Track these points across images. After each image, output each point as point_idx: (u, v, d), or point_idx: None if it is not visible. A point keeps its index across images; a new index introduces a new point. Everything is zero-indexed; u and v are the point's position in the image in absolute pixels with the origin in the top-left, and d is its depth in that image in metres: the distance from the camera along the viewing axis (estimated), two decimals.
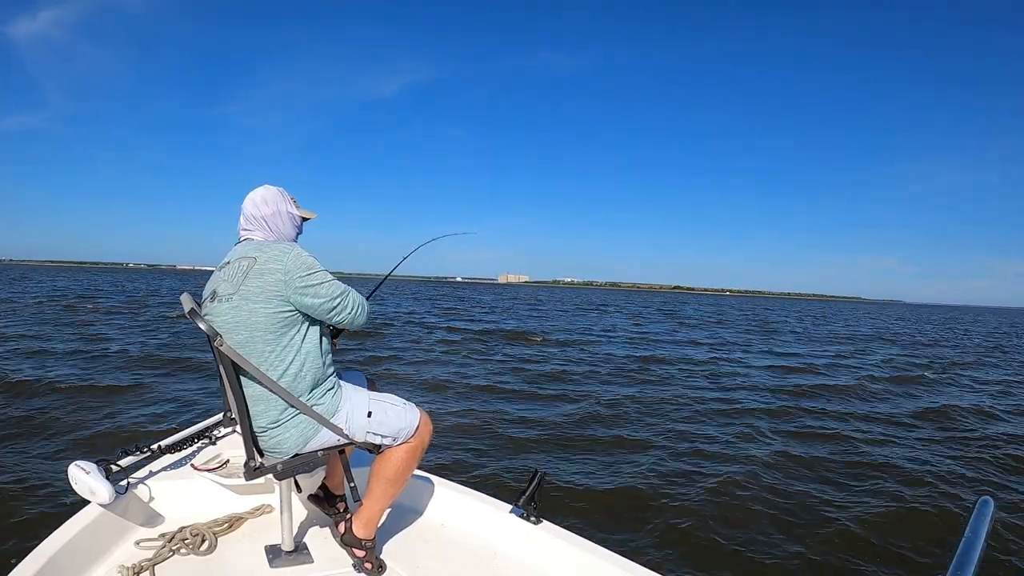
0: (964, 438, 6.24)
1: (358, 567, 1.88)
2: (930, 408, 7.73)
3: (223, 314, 1.72)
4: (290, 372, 1.72)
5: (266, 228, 1.87)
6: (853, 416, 7.04)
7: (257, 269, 1.71)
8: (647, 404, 7.15)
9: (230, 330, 1.70)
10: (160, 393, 6.81)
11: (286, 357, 1.72)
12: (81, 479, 1.82)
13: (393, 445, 1.89)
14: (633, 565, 1.81)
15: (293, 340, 1.73)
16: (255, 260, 1.73)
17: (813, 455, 5.28)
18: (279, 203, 1.90)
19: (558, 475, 4.44)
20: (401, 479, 1.91)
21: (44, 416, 5.61)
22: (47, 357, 8.98)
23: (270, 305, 1.68)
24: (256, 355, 1.70)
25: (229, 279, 1.75)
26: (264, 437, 1.76)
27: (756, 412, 6.98)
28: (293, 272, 1.69)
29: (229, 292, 1.73)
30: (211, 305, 1.76)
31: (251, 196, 1.91)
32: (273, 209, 1.88)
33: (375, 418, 1.84)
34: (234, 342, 1.70)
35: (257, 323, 1.69)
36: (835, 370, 11.35)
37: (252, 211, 1.88)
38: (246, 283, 1.70)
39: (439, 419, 5.84)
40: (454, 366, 9.40)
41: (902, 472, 4.91)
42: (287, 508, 1.92)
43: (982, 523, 0.94)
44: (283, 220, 1.89)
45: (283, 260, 1.71)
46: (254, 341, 1.70)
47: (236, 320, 1.70)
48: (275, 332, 1.70)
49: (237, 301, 1.70)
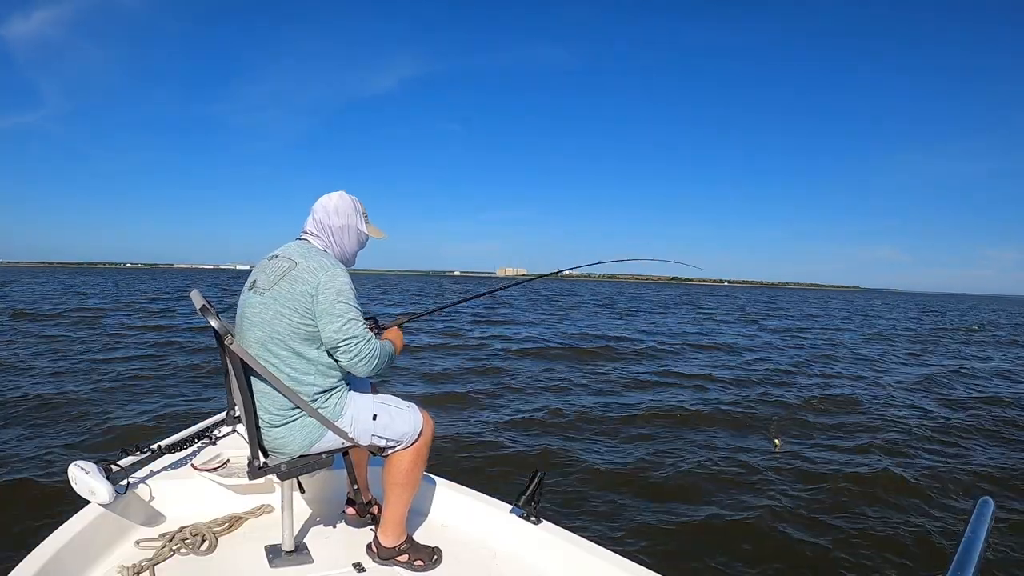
0: (967, 437, 6.24)
1: (408, 567, 1.90)
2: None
3: (254, 306, 1.75)
4: (301, 379, 1.73)
5: (329, 239, 1.86)
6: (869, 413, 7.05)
7: (293, 275, 1.72)
8: (651, 404, 7.15)
9: (254, 325, 1.73)
10: (160, 393, 6.81)
11: (299, 366, 1.72)
12: (81, 479, 1.82)
13: (397, 448, 1.89)
14: (633, 565, 1.82)
15: (310, 353, 1.73)
16: (295, 264, 1.74)
17: (812, 454, 5.28)
18: (351, 217, 1.88)
19: (558, 475, 4.45)
20: (412, 482, 1.93)
21: (44, 416, 5.62)
22: (47, 358, 8.98)
23: (294, 315, 1.69)
24: (271, 356, 1.71)
25: (269, 274, 1.77)
26: (269, 436, 1.76)
27: (762, 418, 6.98)
28: (322, 290, 1.69)
29: (264, 287, 1.75)
30: (247, 294, 1.80)
31: (325, 202, 1.88)
32: (343, 223, 1.87)
33: (380, 421, 1.84)
34: (254, 337, 1.71)
35: (279, 327, 1.69)
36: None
37: (322, 217, 1.87)
38: (279, 284, 1.72)
39: (439, 419, 5.84)
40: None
41: (902, 471, 4.91)
42: (288, 508, 1.92)
43: (982, 523, 0.94)
44: (349, 235, 1.89)
45: (318, 275, 1.71)
46: (273, 342, 1.70)
47: (262, 317, 1.72)
48: (296, 340, 1.70)
49: (268, 299, 1.72)
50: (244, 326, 1.77)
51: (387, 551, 1.92)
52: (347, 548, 2.04)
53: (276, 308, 1.70)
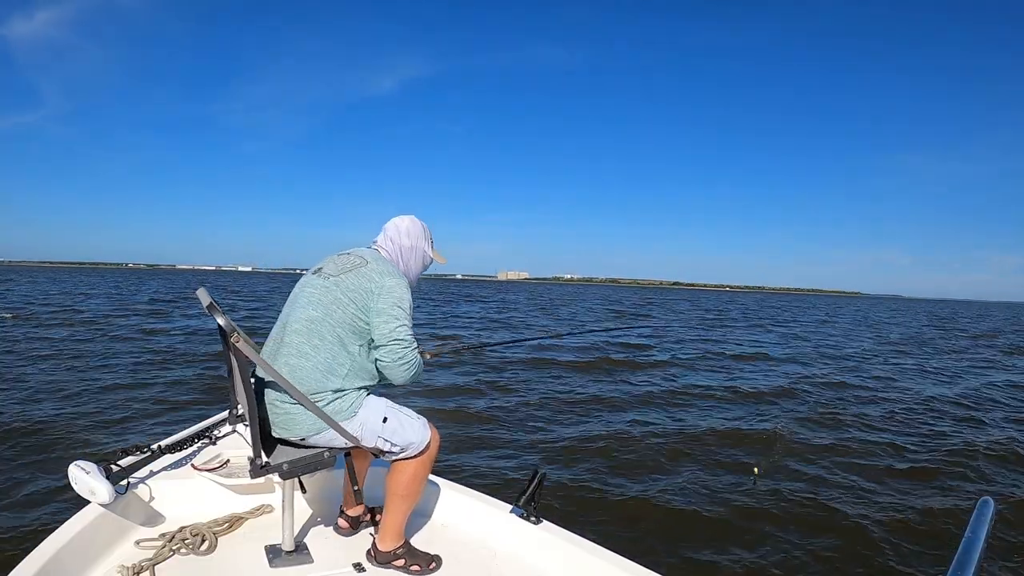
0: (971, 434, 6.24)
1: (404, 572, 1.91)
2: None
3: (315, 287, 1.84)
4: (334, 368, 1.77)
5: (398, 256, 1.99)
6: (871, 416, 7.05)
7: (362, 271, 1.82)
8: (655, 406, 7.15)
9: (310, 303, 1.81)
10: (160, 393, 6.81)
11: (338, 356, 1.77)
12: (81, 479, 1.82)
13: (400, 456, 1.90)
14: (633, 565, 1.82)
15: (352, 347, 1.79)
16: (366, 263, 1.85)
17: (812, 454, 5.28)
18: (420, 240, 2.04)
19: (559, 475, 4.45)
20: (412, 494, 1.94)
21: (43, 416, 5.62)
22: (47, 357, 8.98)
23: (352, 306, 1.77)
24: (316, 337, 1.76)
25: (338, 264, 1.87)
26: (280, 411, 1.78)
27: (761, 428, 6.98)
28: (384, 293, 1.79)
29: (331, 274, 1.84)
30: (311, 277, 1.89)
31: (398, 223, 2.04)
32: (412, 244, 2.02)
33: (389, 425, 1.86)
34: (306, 315, 1.79)
35: (335, 313, 1.77)
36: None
37: (393, 236, 2.02)
38: (347, 275, 1.82)
39: (441, 419, 5.85)
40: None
41: (901, 470, 4.91)
42: (288, 508, 1.92)
43: (982, 523, 0.94)
44: (416, 257, 2.04)
45: (385, 279, 1.81)
46: (323, 325, 1.77)
47: (321, 299, 1.80)
48: (344, 330, 1.77)
49: (331, 284, 1.81)
50: (298, 304, 1.84)
51: (383, 555, 1.93)
52: (347, 548, 2.05)
53: (337, 295, 1.78)
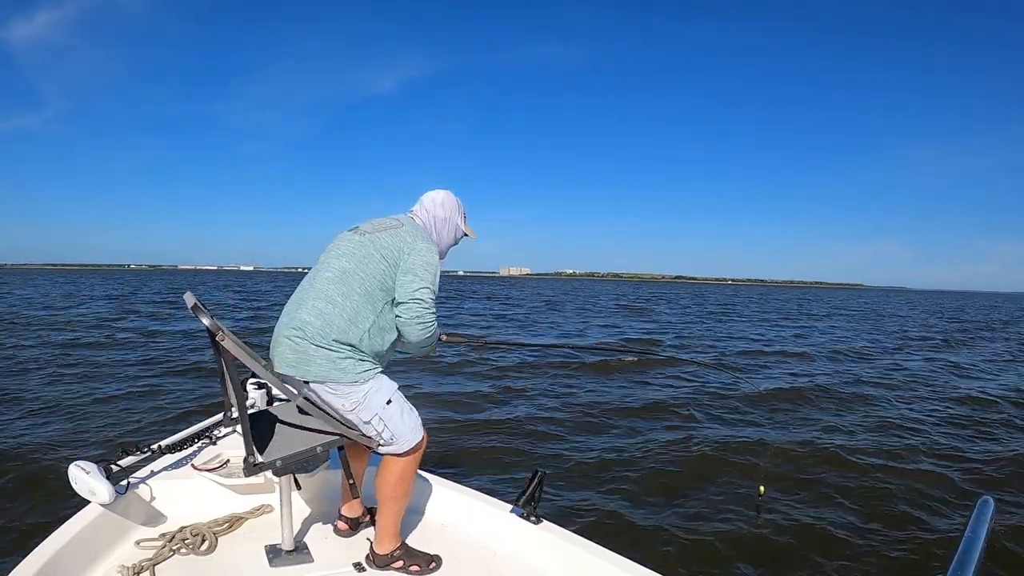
0: (973, 432, 6.23)
1: (404, 573, 1.91)
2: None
3: (351, 242, 1.92)
4: (357, 322, 1.81)
5: (431, 226, 2.07)
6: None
7: (396, 232, 1.91)
8: (658, 406, 7.15)
9: (343, 256, 1.89)
10: (160, 393, 6.82)
11: (362, 311, 1.82)
12: (81, 479, 1.82)
13: (387, 448, 1.90)
14: (633, 565, 1.82)
15: (377, 304, 1.85)
16: (402, 225, 1.95)
17: (811, 454, 5.28)
18: (454, 213, 2.11)
19: (559, 475, 4.44)
20: (400, 495, 1.94)
21: (44, 417, 5.62)
22: (45, 359, 8.98)
23: (383, 263, 1.85)
24: (346, 287, 1.83)
25: (375, 224, 1.97)
26: (298, 348, 1.80)
27: (759, 426, 6.98)
28: (414, 255, 1.87)
29: (367, 231, 1.93)
30: (347, 234, 1.97)
31: (434, 195, 2.12)
32: (446, 215, 2.09)
33: (392, 408, 1.87)
34: (339, 266, 1.87)
35: (367, 266, 1.85)
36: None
37: (429, 206, 2.09)
38: (382, 233, 1.91)
39: (441, 418, 5.86)
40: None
41: (901, 470, 4.91)
42: (287, 507, 1.92)
43: (982, 523, 0.94)
44: (449, 229, 2.10)
45: (418, 242, 1.90)
46: (354, 278, 1.84)
47: (355, 252, 1.88)
48: (373, 285, 1.84)
49: (367, 240, 1.90)
50: (331, 255, 1.92)
51: (381, 558, 1.93)
52: (347, 548, 2.05)
53: (370, 250, 1.87)
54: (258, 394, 2.66)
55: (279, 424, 1.94)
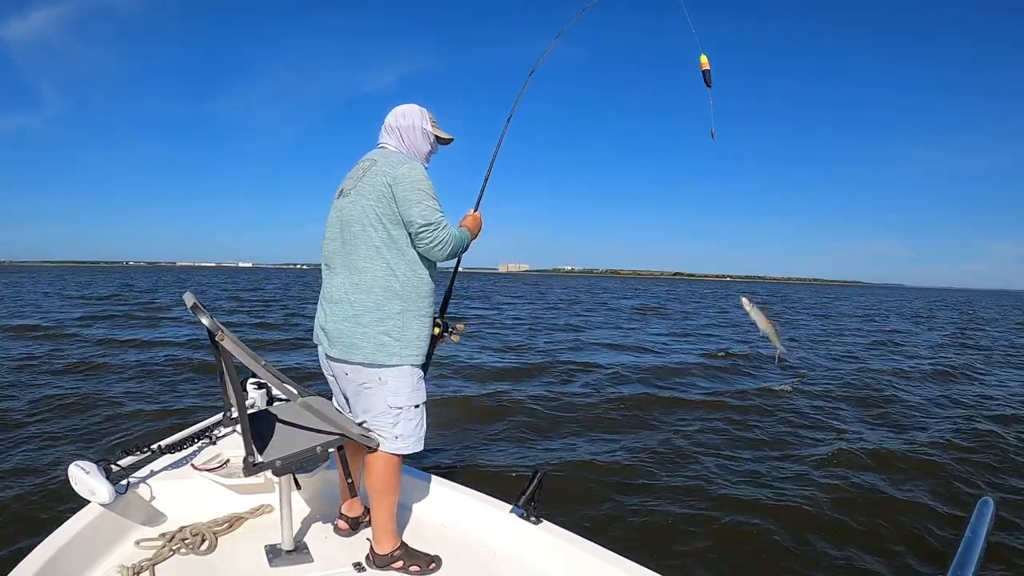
0: (973, 431, 6.22)
1: (404, 573, 1.91)
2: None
3: (344, 208, 1.91)
4: (393, 269, 1.83)
5: (399, 139, 2.03)
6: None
7: (374, 170, 1.88)
8: (660, 405, 7.15)
9: (346, 223, 1.88)
10: (160, 393, 6.81)
11: (389, 255, 1.83)
12: (81, 479, 1.82)
13: (385, 445, 1.90)
14: (633, 565, 1.82)
15: (400, 238, 1.85)
16: (375, 162, 1.91)
17: (811, 453, 5.28)
18: (416, 119, 2.05)
19: (559, 475, 4.44)
20: (390, 486, 1.94)
21: (44, 417, 5.62)
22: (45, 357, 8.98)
23: (380, 204, 1.83)
24: (365, 246, 1.84)
25: (353, 178, 1.94)
26: (333, 322, 1.85)
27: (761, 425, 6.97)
28: (400, 180, 1.84)
29: (349, 189, 1.92)
30: (338, 201, 1.96)
31: (395, 109, 2.09)
32: (409, 123, 2.03)
33: (416, 411, 1.92)
34: (349, 233, 1.86)
35: (371, 215, 1.84)
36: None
37: (390, 120, 2.06)
38: (363, 181, 1.89)
39: (441, 417, 5.85)
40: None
41: (901, 469, 4.91)
42: (287, 507, 1.92)
43: (982, 523, 0.94)
44: (416, 135, 2.04)
45: (396, 168, 1.86)
46: (366, 234, 1.84)
47: (352, 213, 1.87)
48: (385, 225, 1.83)
49: (355, 196, 1.88)
50: (336, 227, 1.93)
51: (381, 559, 1.92)
52: (347, 548, 2.05)
53: (363, 203, 1.85)
54: (258, 394, 2.66)
55: (279, 424, 1.94)
